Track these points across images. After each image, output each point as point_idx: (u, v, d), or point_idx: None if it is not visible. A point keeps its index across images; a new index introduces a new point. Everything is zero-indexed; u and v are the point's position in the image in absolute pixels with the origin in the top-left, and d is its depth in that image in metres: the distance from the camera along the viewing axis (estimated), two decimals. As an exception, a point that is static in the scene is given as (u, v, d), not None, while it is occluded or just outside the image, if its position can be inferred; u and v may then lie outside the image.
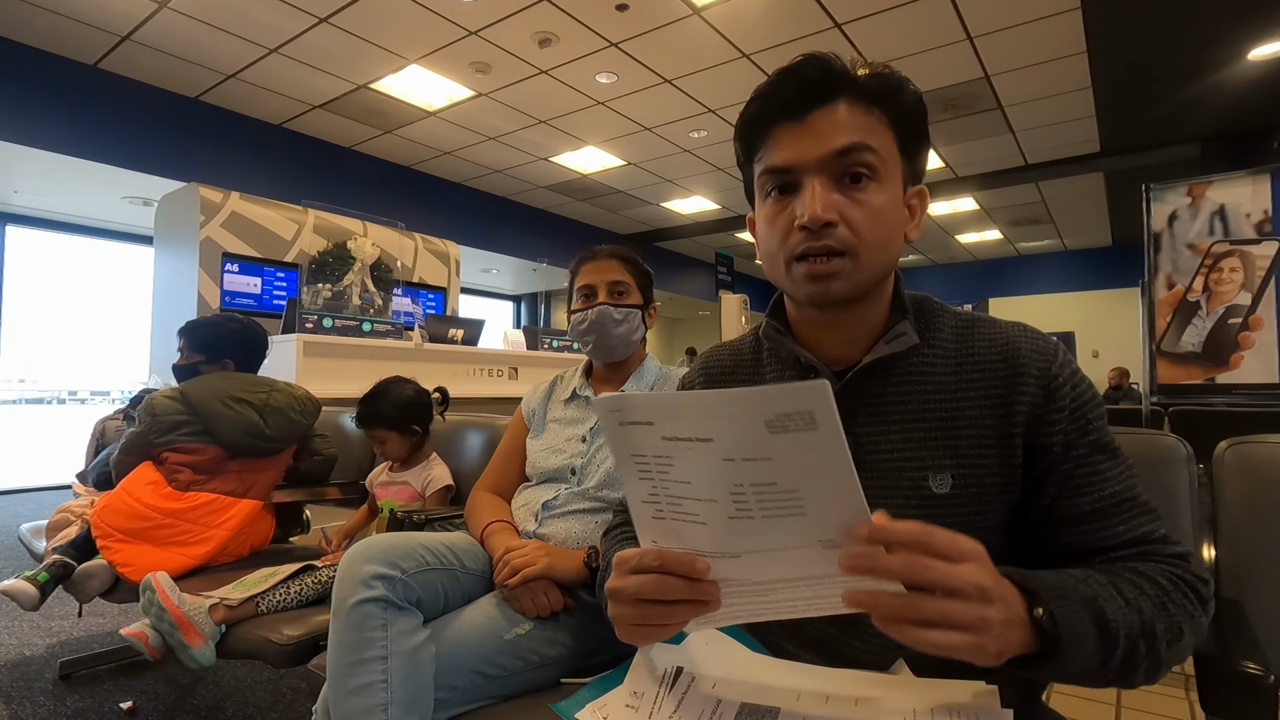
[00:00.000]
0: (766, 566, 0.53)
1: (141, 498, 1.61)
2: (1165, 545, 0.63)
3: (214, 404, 1.68)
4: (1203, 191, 3.35)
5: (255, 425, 1.70)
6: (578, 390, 1.28)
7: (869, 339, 0.71)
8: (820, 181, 0.65)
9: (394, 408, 1.69)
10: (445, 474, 1.68)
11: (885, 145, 0.66)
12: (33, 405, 7.83)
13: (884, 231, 0.66)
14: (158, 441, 1.68)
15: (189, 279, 4.59)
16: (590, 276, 1.25)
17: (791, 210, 0.66)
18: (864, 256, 0.65)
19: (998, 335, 0.69)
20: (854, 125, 0.65)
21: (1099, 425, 0.65)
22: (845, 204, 0.65)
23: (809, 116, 0.66)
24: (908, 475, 0.67)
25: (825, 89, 0.66)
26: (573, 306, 1.27)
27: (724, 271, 7.37)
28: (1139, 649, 0.55)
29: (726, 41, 4.30)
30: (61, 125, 4.50)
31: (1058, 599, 0.52)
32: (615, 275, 1.25)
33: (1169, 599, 0.58)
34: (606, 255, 1.27)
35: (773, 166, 0.67)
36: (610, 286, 1.24)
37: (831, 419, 0.45)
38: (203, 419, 1.68)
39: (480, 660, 0.93)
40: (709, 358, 0.87)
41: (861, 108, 0.66)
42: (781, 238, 0.67)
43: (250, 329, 1.91)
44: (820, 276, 0.65)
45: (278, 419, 1.74)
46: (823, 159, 0.65)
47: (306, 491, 1.88)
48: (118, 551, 1.55)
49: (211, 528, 1.61)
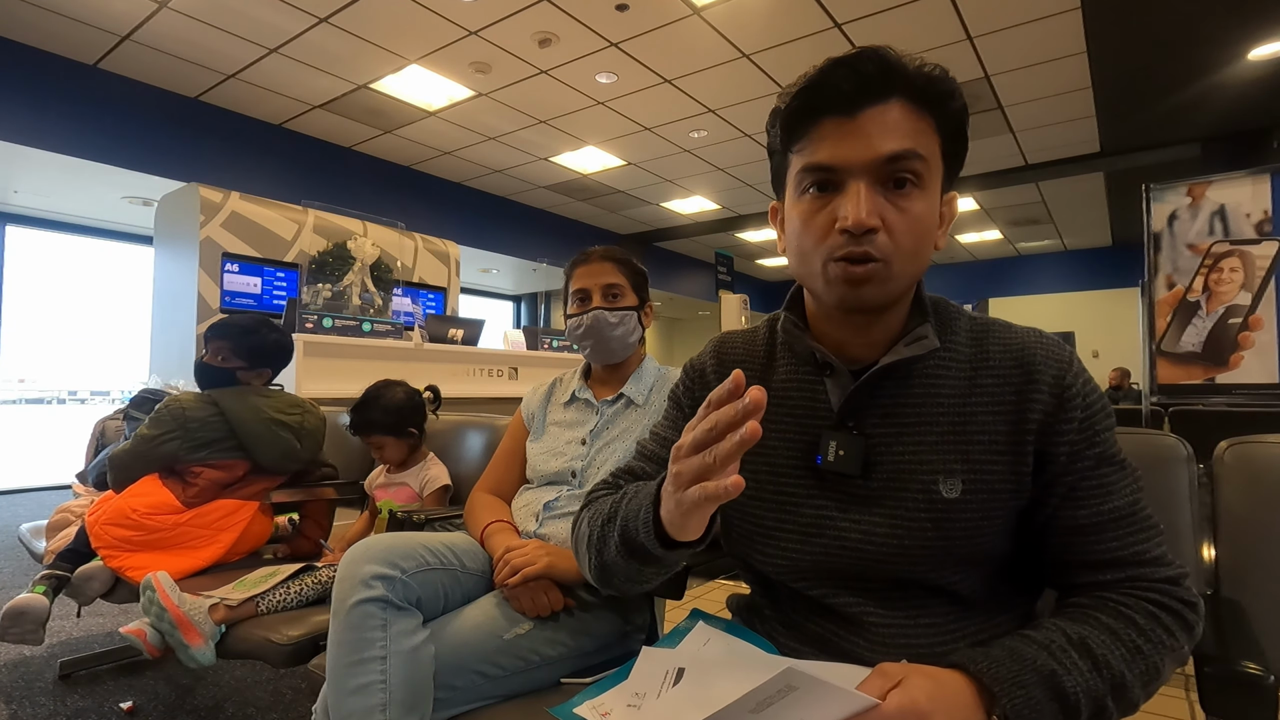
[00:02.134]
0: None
1: (150, 512, 1.58)
2: (1156, 568, 0.63)
3: (256, 425, 1.66)
4: (1203, 191, 3.35)
5: (293, 449, 1.70)
6: (577, 393, 1.27)
7: (887, 340, 0.70)
8: (866, 185, 0.62)
9: (387, 412, 1.68)
10: (443, 473, 1.68)
11: (932, 152, 0.65)
12: (33, 405, 7.83)
13: (920, 240, 0.65)
14: (189, 457, 1.62)
15: (189, 279, 4.59)
16: (584, 280, 1.25)
17: (832, 210, 0.64)
18: (897, 264, 0.64)
19: (1013, 341, 0.68)
20: (906, 129, 0.63)
21: (1106, 437, 0.65)
22: (887, 209, 0.63)
23: (860, 114, 0.63)
24: (918, 479, 0.67)
25: (882, 86, 0.63)
26: (568, 311, 1.27)
27: (724, 271, 7.35)
28: (1107, 707, 0.57)
29: (726, 41, 4.30)
30: (61, 125, 4.49)
31: (1014, 690, 0.54)
32: (609, 278, 1.24)
33: (1146, 639, 0.59)
34: (599, 258, 1.26)
35: (817, 164, 0.64)
36: (605, 290, 1.23)
37: (809, 679, 0.47)
38: (243, 438, 1.65)
39: (480, 660, 0.93)
40: (722, 343, 0.85)
41: (914, 110, 0.64)
42: (818, 237, 0.65)
43: (287, 340, 1.89)
44: (856, 281, 0.64)
45: (310, 443, 1.75)
46: (872, 163, 0.62)
47: (305, 492, 1.88)
48: (122, 559, 1.53)
49: (222, 530, 1.62)
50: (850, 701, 0.50)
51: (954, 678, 0.56)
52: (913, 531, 0.66)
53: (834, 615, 0.71)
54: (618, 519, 0.71)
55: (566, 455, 1.20)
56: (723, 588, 2.52)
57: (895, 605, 0.69)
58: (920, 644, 0.67)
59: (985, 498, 0.65)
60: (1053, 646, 0.57)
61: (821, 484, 0.71)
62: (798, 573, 0.73)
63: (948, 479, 0.66)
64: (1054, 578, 0.69)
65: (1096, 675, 0.56)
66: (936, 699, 0.53)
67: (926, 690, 0.53)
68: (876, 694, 0.52)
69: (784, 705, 0.49)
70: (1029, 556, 0.69)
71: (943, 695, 0.54)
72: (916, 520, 0.66)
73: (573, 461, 1.19)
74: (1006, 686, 0.54)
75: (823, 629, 0.72)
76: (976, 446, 0.66)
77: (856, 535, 0.69)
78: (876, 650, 0.68)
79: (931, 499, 0.66)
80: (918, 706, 0.52)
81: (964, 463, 0.66)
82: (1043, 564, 0.69)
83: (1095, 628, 0.59)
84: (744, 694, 0.49)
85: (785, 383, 0.76)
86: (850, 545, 0.69)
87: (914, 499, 0.67)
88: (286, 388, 2.43)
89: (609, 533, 0.72)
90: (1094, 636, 0.58)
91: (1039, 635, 0.59)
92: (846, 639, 0.70)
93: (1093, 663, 0.57)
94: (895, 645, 0.68)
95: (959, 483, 0.66)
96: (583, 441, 1.21)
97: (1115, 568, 0.63)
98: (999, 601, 0.70)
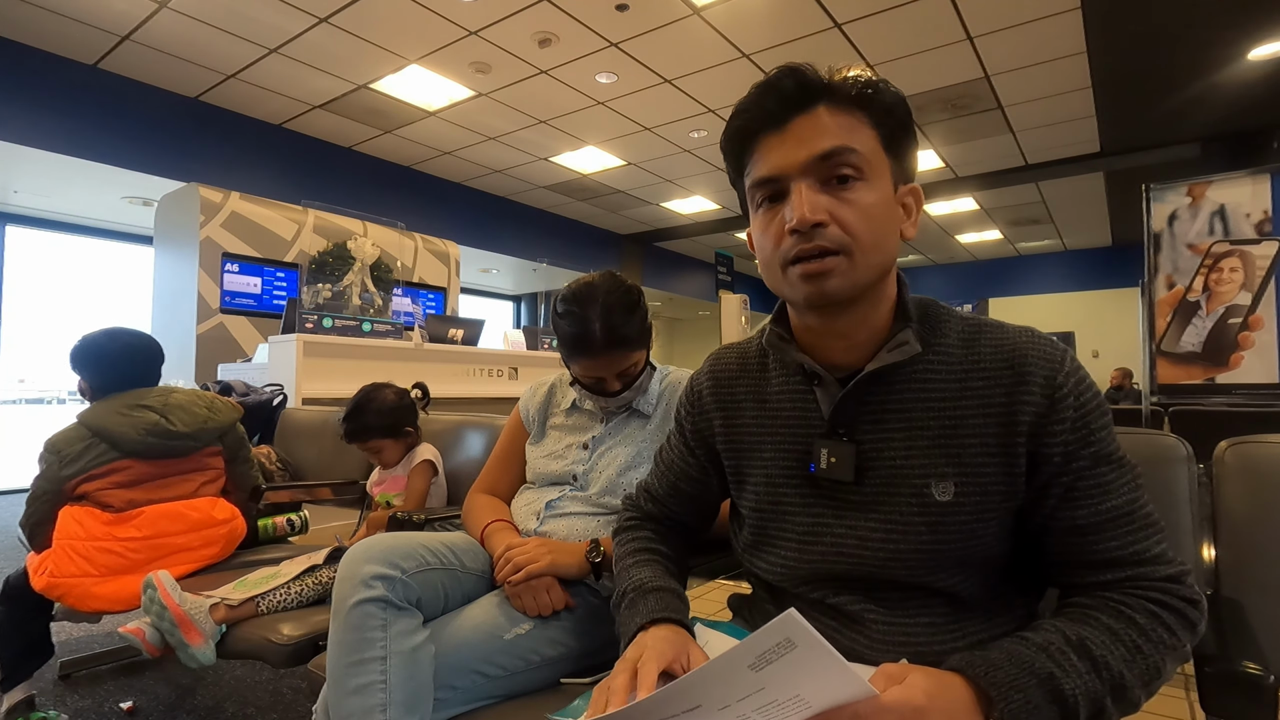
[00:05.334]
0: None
1: (91, 536, 1.49)
2: (1157, 566, 0.63)
3: (110, 416, 1.58)
4: (1203, 191, 3.35)
5: (157, 424, 1.58)
6: (577, 402, 1.25)
7: (873, 344, 0.70)
8: (807, 185, 0.65)
9: (381, 415, 1.67)
10: (426, 450, 1.68)
11: (869, 145, 0.66)
12: (33, 405, 7.84)
13: (877, 229, 0.66)
14: (66, 474, 1.54)
15: (189, 279, 4.59)
16: (594, 371, 1.12)
17: (782, 217, 0.66)
18: (859, 255, 0.65)
19: (1004, 341, 0.68)
20: (835, 128, 0.65)
21: (1102, 436, 0.65)
22: (834, 204, 0.64)
23: (790, 124, 0.66)
24: (910, 483, 0.67)
25: (803, 97, 0.66)
26: (584, 386, 1.17)
27: (724, 271, 7.35)
28: (1106, 708, 0.57)
29: (726, 41, 4.30)
30: (61, 125, 4.49)
31: (1011, 693, 0.55)
32: (620, 365, 1.11)
33: (1146, 638, 0.59)
34: (601, 349, 1.08)
35: (760, 178, 0.68)
36: (619, 375, 1.13)
37: (810, 635, 0.47)
38: (102, 436, 1.56)
39: (480, 660, 0.93)
40: (716, 360, 0.87)
41: (842, 111, 0.66)
42: (774, 244, 0.67)
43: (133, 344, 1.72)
44: (814, 275, 0.65)
45: (183, 415, 1.63)
46: (806, 163, 0.65)
47: (301, 491, 1.88)
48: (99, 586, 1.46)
49: (212, 525, 1.61)
50: (849, 683, 0.50)
51: (953, 680, 0.56)
52: (907, 535, 0.67)
53: (835, 613, 0.72)
54: (621, 606, 0.80)
55: (568, 459, 1.19)
56: (723, 588, 2.52)
57: (895, 606, 0.69)
58: (920, 643, 0.68)
59: (978, 500, 0.65)
60: (1051, 648, 0.57)
61: (817, 491, 0.72)
62: (798, 579, 0.74)
63: (940, 482, 0.66)
64: (1055, 577, 0.69)
65: (1095, 677, 0.56)
66: (935, 697, 0.53)
67: (925, 688, 0.53)
68: (877, 688, 0.52)
69: (783, 666, 0.49)
70: (1029, 557, 0.69)
71: (941, 695, 0.54)
72: (910, 524, 0.67)
73: (574, 465, 1.18)
74: (1004, 690, 0.55)
75: (824, 627, 0.72)
76: (968, 449, 0.66)
77: (852, 541, 0.69)
78: (877, 648, 0.68)
79: (924, 502, 0.66)
80: (915, 702, 0.52)
81: (956, 466, 0.66)
82: (1043, 564, 0.69)
83: (1095, 628, 0.59)
84: (741, 642, 0.49)
85: (778, 393, 0.77)
86: (846, 551, 0.70)
87: (907, 503, 0.67)
88: (287, 387, 2.43)
89: (617, 603, 0.81)
90: (1093, 637, 0.58)
91: (1037, 637, 0.59)
92: (847, 636, 0.70)
93: (1091, 664, 0.57)
94: (895, 644, 0.68)
95: (951, 486, 0.66)
96: (584, 446, 1.19)
97: (1116, 567, 0.63)
98: (999, 602, 0.70)
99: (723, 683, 0.51)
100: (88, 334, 1.66)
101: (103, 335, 1.66)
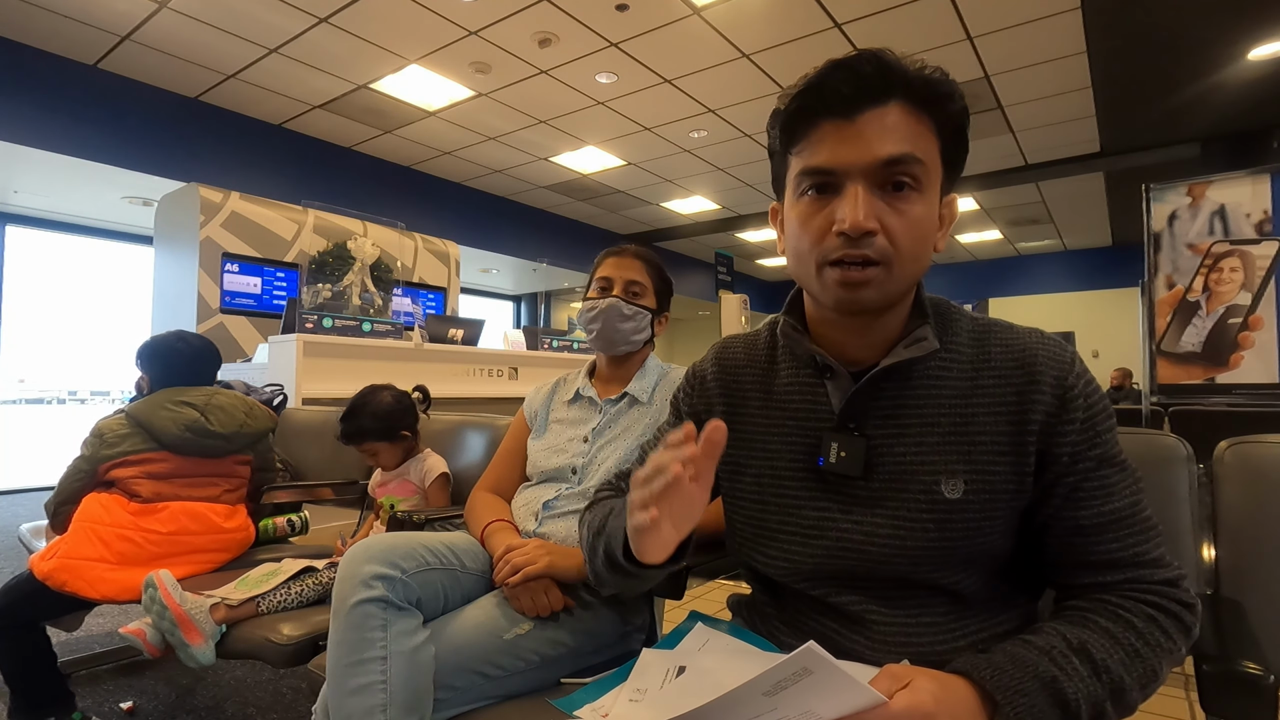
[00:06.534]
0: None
1: (115, 523, 1.52)
2: (1155, 569, 0.63)
3: (155, 410, 1.64)
4: (1203, 191, 3.35)
5: (196, 421, 1.64)
6: (581, 391, 1.28)
7: (887, 342, 0.70)
8: (863, 188, 0.62)
9: (377, 418, 1.66)
10: (440, 462, 1.67)
11: (930, 155, 0.64)
12: (33, 405, 7.84)
13: (920, 243, 0.65)
14: (105, 454, 1.60)
15: (189, 279, 4.59)
16: (611, 270, 1.26)
17: (830, 212, 0.64)
18: (897, 267, 0.64)
19: (1015, 341, 0.68)
20: (904, 132, 0.63)
21: (1108, 438, 0.65)
22: (886, 212, 0.63)
23: (859, 117, 0.63)
24: (920, 479, 0.67)
25: (880, 89, 0.63)
26: (587, 294, 1.28)
27: (724, 271, 7.34)
28: (1106, 711, 0.57)
29: (726, 41, 4.30)
30: (61, 125, 4.49)
31: (1016, 697, 0.55)
32: (635, 275, 1.25)
33: (1144, 642, 0.59)
34: (632, 254, 1.28)
35: (815, 166, 0.64)
36: (627, 284, 1.25)
37: (828, 664, 0.47)
38: (145, 426, 1.63)
39: (480, 660, 0.93)
40: (723, 349, 0.85)
41: (913, 113, 0.63)
42: (815, 239, 0.65)
43: (199, 348, 1.82)
44: (853, 284, 0.64)
45: (221, 416, 1.69)
46: (869, 166, 0.62)
47: (302, 491, 1.88)
48: (112, 573, 1.46)
49: (228, 533, 1.64)
50: (860, 695, 0.50)
51: (958, 683, 0.57)
52: (915, 532, 0.66)
53: (836, 613, 0.72)
54: (604, 533, 0.76)
55: (568, 452, 1.20)
56: (723, 588, 2.52)
57: (896, 605, 0.69)
58: (922, 643, 0.68)
59: (987, 498, 0.65)
60: (1054, 652, 0.58)
61: (823, 486, 0.72)
62: (800, 574, 0.74)
63: (949, 479, 0.66)
64: (1053, 577, 0.70)
65: (1096, 680, 0.57)
66: (942, 701, 0.54)
67: (932, 692, 0.54)
68: (884, 693, 0.52)
69: (797, 690, 0.49)
70: (1030, 556, 0.69)
71: (948, 699, 0.55)
72: (918, 521, 0.67)
73: (574, 458, 1.19)
74: (1009, 694, 0.55)
75: (824, 627, 0.72)
76: (978, 447, 0.66)
77: (859, 536, 0.69)
78: (878, 649, 0.68)
79: (933, 499, 0.66)
80: (924, 708, 0.52)
81: (966, 463, 0.66)
82: (1042, 564, 0.69)
83: (1094, 632, 0.60)
84: (760, 673, 0.49)
85: (786, 386, 0.76)
86: (852, 546, 0.69)
87: (916, 500, 0.67)
88: (287, 387, 2.43)
89: (597, 545, 0.77)
90: (1094, 641, 0.59)
91: (1040, 640, 0.59)
92: (849, 637, 0.70)
93: (1093, 668, 0.57)
94: (896, 644, 0.68)
95: (961, 483, 0.66)
96: (584, 439, 1.21)
97: (1114, 569, 0.63)
98: (1000, 601, 0.70)
99: (736, 709, 0.52)
100: (157, 335, 1.80)
101: (173, 336, 1.80)
